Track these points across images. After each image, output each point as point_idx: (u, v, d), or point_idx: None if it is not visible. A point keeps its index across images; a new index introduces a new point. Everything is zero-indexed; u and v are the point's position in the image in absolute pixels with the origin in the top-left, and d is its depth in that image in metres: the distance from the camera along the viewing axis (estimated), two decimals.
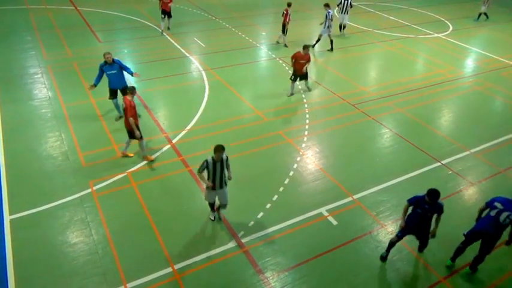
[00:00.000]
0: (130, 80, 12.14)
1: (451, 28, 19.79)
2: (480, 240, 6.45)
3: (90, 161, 8.98)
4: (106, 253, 6.77)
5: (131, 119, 8.55)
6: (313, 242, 7.18)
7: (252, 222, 7.51)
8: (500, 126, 11.24)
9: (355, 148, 10.01)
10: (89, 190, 8.12)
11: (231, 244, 7.02)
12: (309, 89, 12.74)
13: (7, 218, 7.39)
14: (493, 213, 6.22)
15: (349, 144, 10.29)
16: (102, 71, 10.10)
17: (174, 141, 9.86)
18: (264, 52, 15.89)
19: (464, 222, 7.31)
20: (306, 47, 11.99)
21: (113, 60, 10.06)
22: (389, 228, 7.57)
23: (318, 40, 16.44)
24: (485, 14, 21.31)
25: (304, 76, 12.40)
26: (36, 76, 12.84)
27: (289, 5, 16.03)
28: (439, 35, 18.66)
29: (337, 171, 9.11)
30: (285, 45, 16.40)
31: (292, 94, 12.41)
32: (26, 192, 8.02)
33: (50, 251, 6.78)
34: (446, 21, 20.98)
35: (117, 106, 10.62)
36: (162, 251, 6.85)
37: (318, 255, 6.94)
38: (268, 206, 7.94)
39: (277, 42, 16.65)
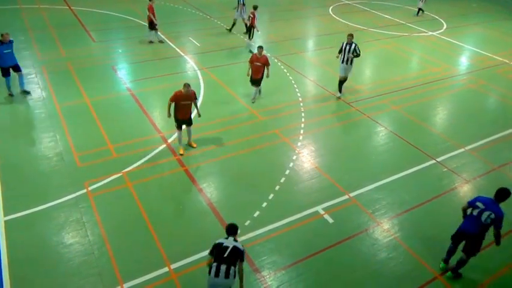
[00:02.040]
0: (124, 80, 12.04)
1: (445, 26, 19.90)
2: (464, 242, 6.45)
3: (85, 161, 8.94)
4: (102, 253, 6.74)
5: None
6: (310, 241, 7.19)
7: (248, 221, 7.50)
8: (495, 123, 11.32)
9: (350, 146, 10.03)
10: (84, 190, 8.08)
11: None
12: (259, 92, 11.88)
13: (1, 219, 7.33)
14: (475, 212, 6.19)
15: (345, 143, 10.31)
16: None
17: (169, 140, 9.83)
18: None
19: (460, 220, 7.34)
20: (260, 48, 11.32)
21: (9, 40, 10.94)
22: (385, 226, 7.60)
23: (233, 24, 17.33)
24: (421, 9, 21.37)
25: (258, 81, 11.51)
26: (30, 76, 12.74)
27: (255, 8, 15.58)
28: (434, 33, 18.75)
29: (333, 169, 9.13)
30: (250, 51, 15.20)
31: (254, 98, 11.76)
32: (21, 193, 7.97)
33: (46, 252, 6.74)
34: (440, 19, 21.09)
35: (8, 82, 11.34)
36: (159, 250, 6.83)
37: (314, 253, 6.95)
38: (264, 204, 7.94)
39: (250, 51, 15.22)
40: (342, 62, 11.85)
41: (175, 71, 13.74)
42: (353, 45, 11.62)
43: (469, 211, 6.39)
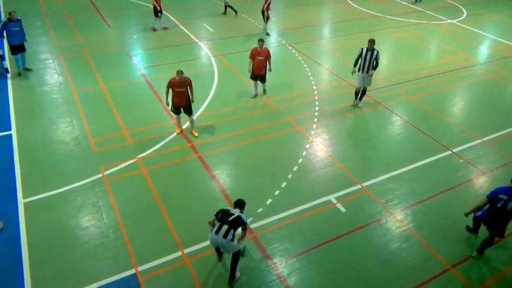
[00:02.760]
0: (139, 66, 12.11)
1: (465, 14, 19.34)
2: (487, 226, 6.45)
3: (100, 147, 9.06)
4: (117, 237, 6.88)
5: None
6: (322, 229, 7.19)
7: (260, 209, 7.54)
8: None
9: (364, 136, 9.94)
10: (100, 175, 8.22)
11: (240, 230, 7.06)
12: (264, 92, 11.39)
13: (21, 201, 7.52)
14: (499, 204, 6.11)
15: (359, 132, 10.21)
16: (4, 28, 11.23)
17: (183, 127, 9.88)
18: (273, 38, 15.72)
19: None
20: (260, 41, 10.68)
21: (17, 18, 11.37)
22: (398, 216, 7.55)
23: (226, 8, 17.85)
24: None
25: (262, 77, 11.03)
26: (47, 62, 12.90)
27: None
28: (453, 21, 18.25)
29: (346, 158, 9.07)
30: (267, 34, 15.59)
31: (256, 95, 11.25)
32: (39, 176, 8.15)
33: (63, 234, 6.91)
34: (460, 6, 20.49)
35: (18, 61, 11.77)
36: (172, 235, 6.94)
37: (325, 242, 6.96)
38: (277, 192, 7.96)
39: (267, 34, 15.65)
40: (360, 71, 10.41)
41: (190, 57, 13.72)
42: (375, 52, 10.16)
43: (494, 203, 6.24)
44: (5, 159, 8.55)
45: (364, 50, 10.22)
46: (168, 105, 9.19)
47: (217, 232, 5.79)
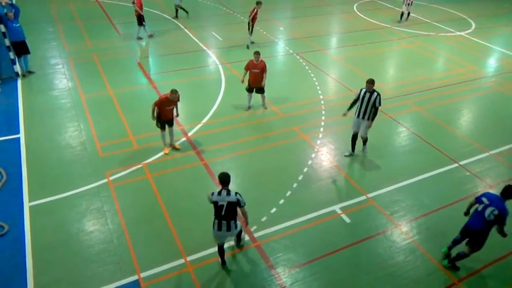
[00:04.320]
0: (147, 72, 12.24)
1: (473, 26, 19.31)
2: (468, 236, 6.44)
3: (107, 152, 9.12)
4: (121, 242, 6.88)
5: None
6: (326, 240, 7.14)
7: (264, 217, 7.51)
8: None
9: (371, 146, 9.88)
10: (105, 180, 8.25)
11: (244, 237, 7.04)
12: (265, 107, 11.12)
13: (27, 204, 7.57)
14: (480, 208, 6.19)
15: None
16: (6, 25, 11.49)
17: (189, 134, 9.92)
18: (281, 47, 15.80)
19: None
20: (256, 53, 10.41)
21: (15, 15, 11.68)
22: (403, 229, 7.47)
23: (177, 10, 18.12)
24: (408, 13, 19.18)
25: (259, 89, 10.77)
26: (57, 67, 13.07)
27: (257, 3, 14.62)
28: (461, 33, 18.22)
29: (352, 169, 9.03)
30: (247, 47, 15.14)
31: (249, 107, 11.02)
32: (45, 180, 8.20)
33: (67, 238, 6.93)
34: (469, 19, 20.46)
35: (20, 63, 12.10)
36: (175, 242, 6.93)
37: (330, 252, 6.90)
38: (281, 201, 7.93)
39: (248, 47, 15.15)
40: (356, 115, 8.88)
41: (197, 65, 13.82)
42: (374, 94, 8.55)
43: (475, 207, 6.35)
44: (13, 162, 8.62)
45: (363, 91, 8.68)
46: (154, 119, 8.83)
47: (219, 229, 5.99)
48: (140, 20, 15.23)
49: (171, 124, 9.08)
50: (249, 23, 14.87)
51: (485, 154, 9.72)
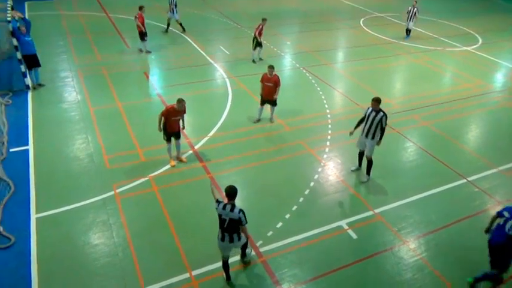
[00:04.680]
0: (155, 85, 12.38)
1: (480, 41, 19.32)
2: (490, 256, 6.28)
3: (114, 164, 9.17)
4: (126, 256, 6.86)
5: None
6: (332, 255, 7.06)
7: (270, 232, 7.46)
8: None
9: (377, 161, 9.81)
10: (112, 192, 8.28)
11: (251, 252, 6.98)
12: (272, 121, 11.18)
13: (33, 216, 7.60)
14: (501, 222, 6.07)
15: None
16: (19, 38, 11.67)
17: (196, 147, 9.95)
18: (288, 61, 15.91)
19: None
20: (270, 67, 10.58)
21: (26, 29, 11.87)
22: (410, 245, 7.37)
23: (168, 25, 18.11)
24: (409, 30, 19.09)
25: (271, 101, 10.92)
26: (66, 80, 13.26)
27: (263, 20, 14.94)
28: (468, 48, 18.24)
29: (359, 183, 8.97)
30: (253, 61, 15.32)
31: (258, 120, 11.14)
32: (52, 192, 8.25)
33: (72, 251, 6.93)
34: (475, 34, 20.50)
35: (31, 76, 12.28)
36: (181, 256, 6.89)
37: (336, 269, 6.82)
38: (287, 216, 7.88)
39: (254, 62, 15.35)
40: (363, 134, 8.75)
41: (205, 78, 13.95)
42: (380, 114, 8.39)
43: (496, 221, 6.26)
44: (21, 174, 8.69)
45: (369, 109, 8.57)
46: (160, 131, 8.89)
47: (222, 240, 6.09)
48: (142, 35, 15.40)
49: (178, 137, 9.12)
50: (254, 38, 14.98)
51: (494, 170, 9.61)
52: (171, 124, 8.81)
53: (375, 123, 8.43)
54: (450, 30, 20.90)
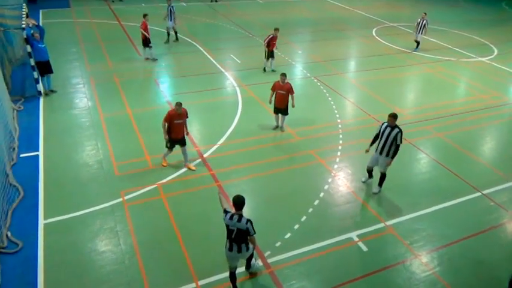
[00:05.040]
0: (165, 93, 12.49)
1: (495, 52, 19.12)
2: None
3: (123, 171, 9.22)
4: (132, 264, 6.85)
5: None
6: (342, 268, 6.95)
7: (279, 243, 7.39)
8: None
9: (389, 172, 9.69)
10: (120, 199, 8.31)
11: (257, 263, 6.91)
12: (282, 130, 11.17)
13: (41, 222, 7.66)
14: None
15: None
16: (32, 45, 11.89)
17: (205, 155, 9.97)
18: (299, 70, 15.93)
19: (507, 258, 6.87)
20: (282, 75, 10.63)
21: (40, 36, 12.12)
22: (423, 259, 7.22)
23: (168, 35, 18.01)
24: (418, 42, 18.66)
25: (283, 110, 10.90)
26: (78, 86, 13.46)
27: (275, 30, 14.86)
28: (483, 59, 18.05)
29: (370, 195, 8.87)
30: (264, 70, 15.30)
31: (276, 127, 11.22)
32: (61, 198, 8.31)
33: (79, 258, 6.94)
34: (490, 44, 20.30)
35: (43, 82, 12.53)
36: (187, 265, 6.85)
37: (346, 282, 6.70)
38: (296, 226, 7.81)
39: (265, 70, 15.33)
40: (377, 151, 8.54)
41: (215, 86, 14.02)
42: (395, 130, 8.15)
43: None
44: (31, 180, 8.79)
45: (385, 125, 8.35)
46: (166, 138, 8.96)
47: (230, 250, 6.04)
48: (146, 42, 15.52)
49: (183, 144, 9.17)
50: (267, 49, 14.88)
51: (510, 183, 9.42)
52: (174, 128, 8.87)
53: (390, 139, 8.19)
54: (464, 40, 20.74)
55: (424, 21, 18.26)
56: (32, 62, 12.12)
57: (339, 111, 12.58)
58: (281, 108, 10.91)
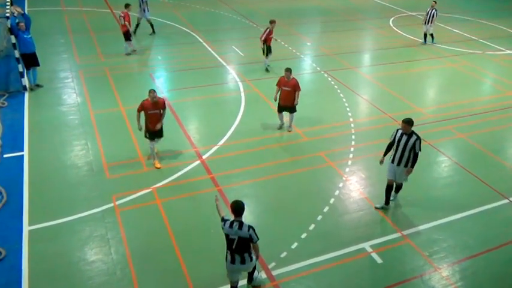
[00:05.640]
0: (161, 88, 12.58)
1: None
2: None
3: (114, 173, 9.28)
4: (124, 275, 6.89)
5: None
6: (353, 282, 6.96)
7: (284, 253, 7.41)
8: None
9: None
10: (112, 204, 8.37)
11: (259, 276, 6.94)
12: (289, 129, 11.17)
13: (26, 228, 7.73)
14: None
15: None
16: (17, 36, 12.07)
17: (204, 157, 10.01)
18: (307, 64, 15.96)
19: None
20: (287, 70, 10.61)
21: (26, 25, 12.29)
22: (443, 273, 7.21)
23: (137, 25, 17.76)
24: (431, 35, 18.46)
25: (290, 108, 10.89)
26: (66, 80, 13.57)
27: (271, 22, 14.55)
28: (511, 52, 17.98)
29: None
30: (266, 69, 15.02)
31: (281, 126, 11.21)
32: (47, 203, 8.39)
33: (67, 268, 7.00)
34: None
35: (29, 76, 12.66)
36: (184, 277, 6.89)
37: None
38: (303, 235, 7.83)
39: (267, 70, 15.04)
40: (391, 161, 8.20)
41: (216, 81, 14.08)
42: (413, 138, 7.87)
43: None
44: (15, 182, 8.88)
45: (399, 132, 8.00)
46: (140, 130, 9.36)
47: (232, 262, 5.98)
48: (128, 35, 15.43)
49: (160, 135, 9.50)
50: (264, 45, 14.55)
51: None
52: (150, 119, 9.17)
53: (407, 149, 7.85)
54: (492, 32, 20.66)
55: (433, 10, 18.03)
56: (17, 54, 12.23)
57: (351, 109, 12.59)
58: (287, 106, 10.93)
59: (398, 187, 8.62)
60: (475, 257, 7.58)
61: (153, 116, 9.11)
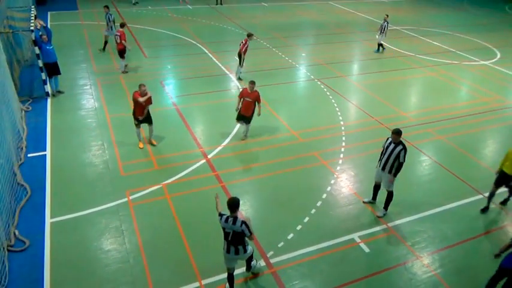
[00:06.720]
0: (171, 94, 12.53)
1: (498, 56, 19.03)
2: (506, 279, 6.03)
3: (128, 171, 9.27)
4: (137, 262, 6.88)
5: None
6: (344, 269, 6.95)
7: (281, 243, 7.39)
8: None
9: None
10: (125, 199, 8.35)
11: (260, 264, 6.92)
12: (246, 136, 10.79)
13: (48, 220, 7.71)
14: None
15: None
16: (40, 47, 11.98)
17: (209, 156, 10.00)
18: (302, 73, 15.94)
19: None
20: (251, 82, 10.31)
21: (48, 38, 12.21)
22: (424, 261, 7.20)
23: (105, 43, 16.72)
24: (381, 44, 18.46)
25: (247, 118, 10.50)
26: (85, 87, 13.54)
27: (249, 35, 14.43)
28: (486, 63, 17.97)
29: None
30: (239, 78, 14.69)
31: (245, 137, 10.78)
32: (67, 197, 8.37)
33: (85, 256, 6.98)
34: (493, 48, 20.21)
35: (51, 84, 12.61)
36: (191, 264, 6.88)
37: (348, 282, 6.70)
38: (299, 227, 7.81)
39: (239, 78, 14.73)
40: (379, 166, 8.00)
41: (220, 88, 14.06)
42: (399, 147, 7.62)
43: None
44: (38, 179, 8.86)
45: (389, 140, 7.86)
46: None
47: (228, 252, 6.02)
48: (123, 53, 14.50)
49: (150, 122, 10.14)
50: (239, 55, 14.35)
51: None
52: (137, 108, 9.78)
53: (392, 156, 7.66)
54: (467, 44, 20.65)
55: (386, 23, 18.11)
56: (40, 63, 12.21)
57: (342, 113, 12.57)
58: (245, 116, 10.48)
59: (387, 199, 8.16)
60: (452, 246, 7.57)
61: (140, 105, 9.68)
